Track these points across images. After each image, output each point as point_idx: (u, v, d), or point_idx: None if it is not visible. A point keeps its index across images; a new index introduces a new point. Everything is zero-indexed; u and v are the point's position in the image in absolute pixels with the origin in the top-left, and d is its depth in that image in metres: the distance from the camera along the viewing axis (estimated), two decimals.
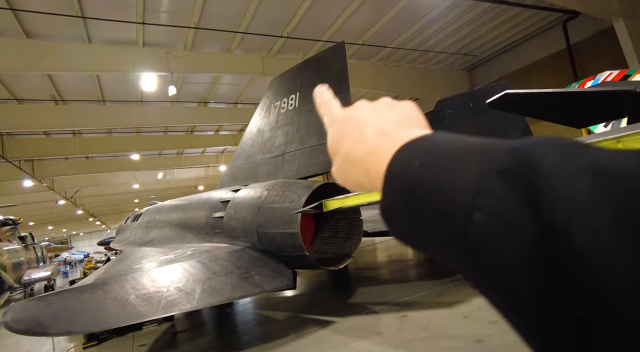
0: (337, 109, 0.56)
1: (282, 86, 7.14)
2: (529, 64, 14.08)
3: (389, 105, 0.51)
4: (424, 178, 0.36)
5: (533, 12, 11.89)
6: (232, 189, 6.85)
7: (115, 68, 11.21)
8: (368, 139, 0.46)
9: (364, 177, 0.45)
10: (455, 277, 6.94)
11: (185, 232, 7.19)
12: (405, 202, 0.37)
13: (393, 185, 0.39)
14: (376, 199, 3.47)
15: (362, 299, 6.67)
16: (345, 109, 0.54)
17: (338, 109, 0.55)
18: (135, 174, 26.13)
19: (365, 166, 0.45)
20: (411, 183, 0.37)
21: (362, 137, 0.47)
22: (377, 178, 0.42)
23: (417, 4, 11.27)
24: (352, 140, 0.48)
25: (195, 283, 4.31)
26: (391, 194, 0.39)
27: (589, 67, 11.73)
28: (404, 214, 0.38)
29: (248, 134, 8.02)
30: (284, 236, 5.14)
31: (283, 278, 4.90)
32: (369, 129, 0.47)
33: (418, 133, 0.42)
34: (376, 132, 0.46)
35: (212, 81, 14.78)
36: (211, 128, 20.97)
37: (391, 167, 0.40)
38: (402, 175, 0.39)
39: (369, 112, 0.50)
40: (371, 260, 11.03)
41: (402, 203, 0.38)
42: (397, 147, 0.41)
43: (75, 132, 17.57)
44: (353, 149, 0.47)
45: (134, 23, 9.93)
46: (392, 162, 0.40)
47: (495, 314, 2.26)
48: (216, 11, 10.17)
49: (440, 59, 15.46)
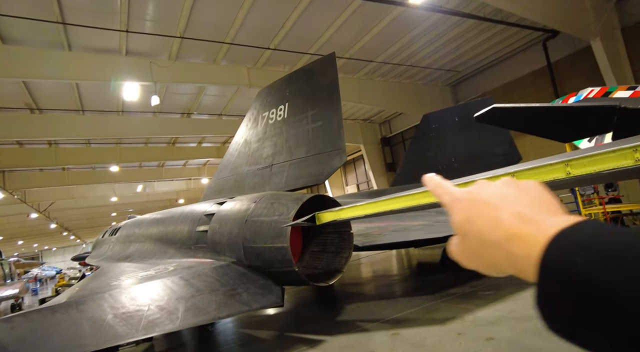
0: (456, 189, 0.57)
1: (270, 97, 7.01)
2: (511, 80, 14.42)
3: (516, 186, 0.52)
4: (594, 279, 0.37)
5: (515, 30, 12.23)
6: (216, 201, 6.60)
7: (96, 77, 10.89)
8: (505, 223, 0.46)
9: (505, 261, 0.46)
10: (445, 293, 6.82)
11: (167, 246, 6.86)
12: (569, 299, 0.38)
13: (552, 279, 0.40)
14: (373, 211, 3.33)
15: (351, 316, 6.45)
16: (466, 189, 0.55)
17: (457, 190, 0.56)
18: (114, 186, 25.39)
19: (507, 251, 0.45)
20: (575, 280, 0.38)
21: (497, 220, 0.47)
22: (526, 265, 0.43)
23: (403, 20, 11.44)
24: (484, 224, 0.49)
25: (178, 301, 4.04)
26: (550, 288, 0.40)
27: (569, 85, 12.07)
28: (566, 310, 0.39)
29: (234, 145, 7.82)
30: (273, 251, 4.93)
31: (271, 295, 4.67)
32: (502, 212, 0.47)
33: (566, 221, 0.43)
34: (513, 216, 0.46)
35: (196, 92, 14.57)
36: (194, 140, 20.64)
37: (547, 260, 0.41)
38: (562, 270, 0.40)
39: (496, 194, 0.51)
40: (357, 275, 10.82)
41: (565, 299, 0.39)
42: (545, 234, 0.42)
43: (52, 142, 16.96)
44: (489, 233, 0.48)
45: (117, 31, 9.70)
46: (548, 254, 0.41)
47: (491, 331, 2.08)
48: (203, 21, 10.05)
49: (425, 75, 15.70)
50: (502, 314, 5.18)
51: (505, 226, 0.46)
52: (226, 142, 21.42)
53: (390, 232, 7.22)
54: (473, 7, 10.77)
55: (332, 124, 5.53)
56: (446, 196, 0.57)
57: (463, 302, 6.11)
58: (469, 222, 0.51)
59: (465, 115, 10.06)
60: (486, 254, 0.49)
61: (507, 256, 0.45)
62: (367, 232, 7.13)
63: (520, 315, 5.02)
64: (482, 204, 0.50)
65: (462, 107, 11.57)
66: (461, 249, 0.53)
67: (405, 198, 2.96)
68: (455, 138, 10.31)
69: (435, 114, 11.26)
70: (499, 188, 0.52)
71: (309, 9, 10.21)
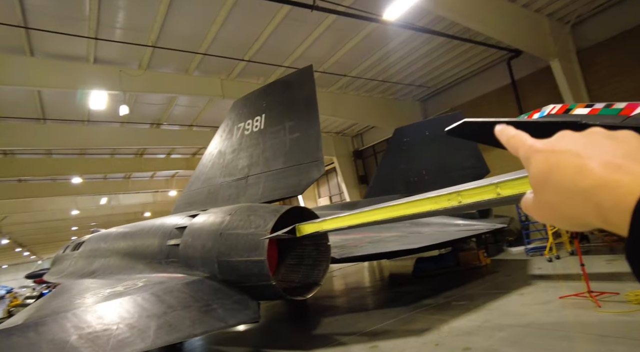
0: (534, 140, 0.53)
1: (246, 108, 6.94)
2: (478, 96, 15.02)
3: (606, 136, 0.48)
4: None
5: (482, 48, 12.79)
6: (189, 214, 6.39)
7: (60, 84, 10.42)
8: (594, 171, 0.43)
9: (590, 210, 0.43)
10: (420, 303, 6.87)
11: (135, 261, 6.55)
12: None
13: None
14: (356, 222, 3.32)
15: (327, 330, 6.36)
16: (545, 140, 0.51)
17: (535, 141, 0.53)
18: (76, 199, 24.21)
19: (594, 201, 0.43)
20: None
21: (584, 169, 0.44)
22: (616, 215, 0.41)
23: (376, 37, 11.72)
24: (568, 174, 0.46)
25: (149, 319, 3.83)
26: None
27: (532, 102, 12.71)
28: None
29: (208, 156, 7.65)
30: (249, 264, 4.81)
31: (248, 310, 4.53)
32: (590, 160, 0.45)
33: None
34: (603, 165, 0.43)
35: (167, 102, 14.23)
36: (163, 151, 20.09)
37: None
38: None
39: (583, 143, 0.47)
40: (330, 288, 10.74)
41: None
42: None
43: (7, 152, 16.00)
44: (574, 183, 0.45)
45: (85, 38, 9.35)
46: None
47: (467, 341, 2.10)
48: (176, 31, 9.89)
49: (397, 89, 16.09)
50: (477, 323, 5.26)
51: (593, 174, 0.43)
52: (196, 154, 20.97)
53: (367, 243, 7.23)
54: (443, 26, 11.20)
55: (310, 136, 5.52)
56: (523, 147, 0.53)
57: (438, 313, 6.17)
58: (550, 173, 0.48)
59: (435, 129, 10.36)
60: (568, 205, 0.46)
61: (594, 206, 0.43)
62: (343, 244, 7.11)
63: (495, 324, 5.12)
64: (566, 153, 0.47)
65: (432, 122, 11.92)
66: (538, 204, 0.50)
67: (387, 209, 2.97)
68: (426, 151, 10.58)
69: (407, 127, 11.53)
70: (585, 137, 0.49)
71: (284, 23, 10.28)
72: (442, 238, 7.64)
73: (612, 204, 0.41)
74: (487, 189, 2.40)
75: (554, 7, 11.00)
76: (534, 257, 9.87)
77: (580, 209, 0.45)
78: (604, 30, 11.42)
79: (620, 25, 11.09)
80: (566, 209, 0.47)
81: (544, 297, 6.03)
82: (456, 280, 8.72)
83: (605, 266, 7.73)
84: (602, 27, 11.46)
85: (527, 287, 6.90)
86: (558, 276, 7.68)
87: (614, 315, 4.76)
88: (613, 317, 4.71)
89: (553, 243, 9.30)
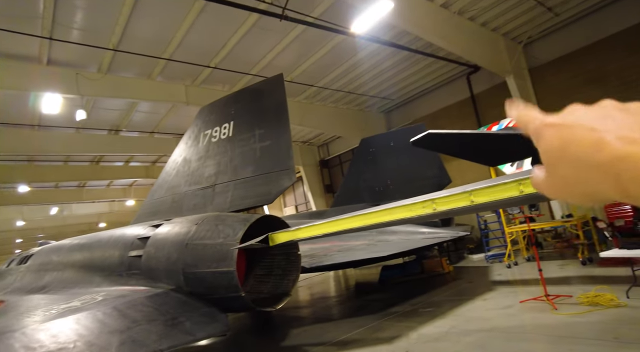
0: (544, 115, 0.52)
1: (213, 115, 6.79)
2: (440, 109, 15.63)
3: (618, 108, 0.47)
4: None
5: (443, 63, 13.36)
6: (151, 224, 6.12)
7: (6, 85, 9.74)
8: (611, 145, 0.43)
9: (609, 184, 0.43)
10: (387, 311, 6.93)
11: (92, 274, 6.16)
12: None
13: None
14: (331, 231, 3.31)
15: (296, 341, 6.26)
16: (557, 115, 0.50)
17: (545, 116, 0.51)
18: (22, 208, 22.54)
19: (614, 172, 0.42)
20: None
21: (601, 143, 0.44)
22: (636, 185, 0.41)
23: (343, 49, 11.94)
24: (584, 148, 0.45)
25: (111, 335, 3.60)
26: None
27: (489, 115, 13.39)
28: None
29: (172, 163, 7.39)
30: (217, 276, 4.65)
31: (217, 323, 4.37)
32: (605, 134, 0.44)
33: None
34: (620, 139, 0.43)
35: (127, 108, 13.68)
36: (121, 158, 19.23)
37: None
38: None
39: (596, 117, 0.47)
40: (297, 298, 10.62)
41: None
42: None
43: None
44: (591, 155, 0.44)
45: (37, 37, 8.83)
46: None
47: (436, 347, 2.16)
48: (140, 34, 9.57)
49: (362, 101, 16.41)
50: (444, 329, 5.37)
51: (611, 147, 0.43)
52: (157, 161, 20.24)
53: (336, 252, 7.23)
54: (407, 40, 11.60)
55: (280, 144, 5.48)
56: (534, 122, 0.52)
57: (405, 320, 6.25)
58: (564, 148, 0.47)
59: (400, 140, 10.64)
60: (585, 179, 0.45)
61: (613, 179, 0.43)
62: (313, 253, 7.07)
63: (461, 330, 5.25)
64: (580, 127, 0.46)
65: (397, 133, 12.23)
66: (551, 180, 0.49)
67: (362, 217, 2.99)
68: (391, 161, 10.82)
69: (372, 138, 11.76)
70: (599, 110, 0.48)
71: (252, 31, 10.23)
72: (409, 246, 7.79)
73: (631, 176, 0.41)
74: (461, 196, 2.49)
75: (508, 28, 11.73)
76: (493, 264, 10.29)
77: (598, 182, 0.44)
78: (552, 50, 12.32)
79: (567, 47, 12.01)
80: (582, 183, 0.46)
81: (506, 302, 6.28)
82: (421, 287, 8.90)
83: (558, 270, 8.20)
84: (550, 48, 12.36)
85: (490, 292, 7.16)
86: (517, 281, 8.04)
87: (569, 316, 5.04)
88: (568, 319, 4.98)
89: (511, 250, 9.75)
